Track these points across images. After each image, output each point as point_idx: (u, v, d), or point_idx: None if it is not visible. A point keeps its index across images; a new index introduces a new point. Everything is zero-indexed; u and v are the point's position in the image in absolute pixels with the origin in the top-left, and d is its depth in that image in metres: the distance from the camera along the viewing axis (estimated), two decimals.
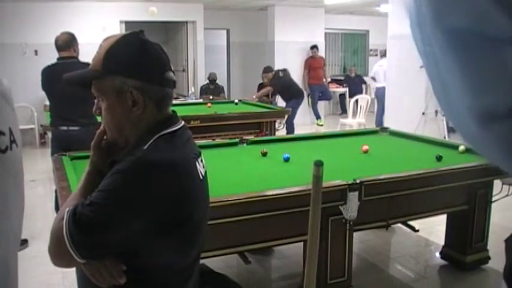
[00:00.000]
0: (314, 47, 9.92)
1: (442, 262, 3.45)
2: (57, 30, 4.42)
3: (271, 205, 2.35)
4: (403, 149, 3.59)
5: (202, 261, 1.60)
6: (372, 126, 7.57)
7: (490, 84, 0.24)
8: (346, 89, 11.10)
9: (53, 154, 3.36)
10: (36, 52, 8.29)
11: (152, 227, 1.25)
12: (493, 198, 3.23)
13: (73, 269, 1.46)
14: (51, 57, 4.12)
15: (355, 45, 12.77)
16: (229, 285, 1.71)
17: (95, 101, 1.39)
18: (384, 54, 8.18)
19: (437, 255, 3.52)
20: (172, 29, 10.82)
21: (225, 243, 2.37)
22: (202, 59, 10.09)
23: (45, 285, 3.24)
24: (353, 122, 8.04)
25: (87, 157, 1.45)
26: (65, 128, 3.87)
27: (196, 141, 1.50)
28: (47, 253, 1.27)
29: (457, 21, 0.24)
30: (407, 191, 2.80)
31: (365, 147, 3.30)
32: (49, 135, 4.73)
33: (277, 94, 8.15)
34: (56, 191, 2.92)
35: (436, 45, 0.26)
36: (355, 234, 2.76)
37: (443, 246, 3.46)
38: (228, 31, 11.18)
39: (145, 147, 1.28)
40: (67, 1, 8.43)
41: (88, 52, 2.82)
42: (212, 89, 8.74)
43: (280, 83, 7.85)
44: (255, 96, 7.84)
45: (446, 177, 2.85)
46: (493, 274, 3.24)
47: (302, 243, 2.77)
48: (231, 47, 11.33)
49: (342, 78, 11.63)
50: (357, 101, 8.22)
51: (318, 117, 9.98)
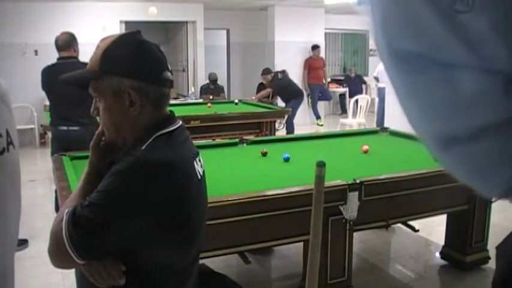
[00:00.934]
0: (316, 48, 9.89)
1: (442, 262, 3.45)
2: (57, 30, 4.42)
3: (271, 205, 2.35)
4: (403, 149, 3.59)
5: (202, 261, 1.60)
6: (372, 126, 7.57)
7: (446, 110, 0.24)
8: (346, 89, 11.10)
9: (52, 154, 3.36)
10: (36, 52, 8.28)
11: (151, 227, 1.25)
12: (493, 198, 3.23)
13: (73, 270, 1.46)
14: (51, 57, 4.12)
15: (355, 45, 12.77)
16: (229, 285, 1.71)
17: (93, 101, 1.39)
18: None
19: (437, 255, 3.52)
20: (172, 29, 10.82)
21: (225, 243, 2.37)
22: (202, 59, 10.09)
23: (45, 285, 3.24)
24: (353, 122, 8.04)
25: (87, 157, 1.45)
26: (64, 128, 3.87)
27: (196, 141, 1.50)
28: (47, 253, 1.27)
29: (410, 45, 0.24)
30: (407, 191, 2.80)
31: (365, 147, 3.30)
32: (49, 135, 4.73)
33: (277, 95, 8.15)
34: (55, 191, 2.92)
35: (391, 69, 0.26)
36: (355, 234, 2.76)
37: (443, 246, 3.45)
38: (228, 31, 11.18)
39: (143, 148, 1.28)
40: (67, 1, 8.43)
41: (88, 52, 2.81)
42: (212, 89, 8.74)
43: (279, 84, 7.85)
44: (254, 97, 7.84)
45: (446, 177, 2.82)
46: (493, 274, 3.23)
47: (302, 243, 2.77)
48: (231, 47, 11.33)
49: (342, 78, 11.63)
50: (357, 101, 8.22)
51: (318, 117, 9.98)
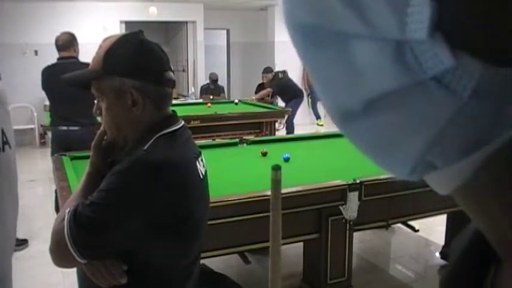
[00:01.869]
0: None
1: (442, 262, 3.45)
2: (57, 30, 4.42)
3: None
4: None
5: (202, 261, 1.60)
6: None
7: (341, 84, 0.23)
8: None
9: (53, 154, 3.36)
10: (36, 52, 8.29)
11: (152, 227, 1.25)
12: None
13: (73, 269, 1.46)
14: (51, 57, 4.13)
15: None
16: (229, 285, 1.71)
17: (95, 101, 1.39)
18: None
19: (437, 255, 3.52)
20: (172, 29, 10.82)
21: (225, 243, 2.37)
22: (202, 59, 10.09)
23: (45, 285, 3.24)
24: None
25: (87, 157, 1.45)
26: (65, 128, 3.87)
27: (196, 141, 1.50)
28: (47, 253, 1.28)
29: (308, 18, 0.23)
30: (407, 191, 2.80)
31: None
32: (49, 135, 4.73)
33: (277, 95, 8.15)
34: (55, 191, 2.92)
35: (295, 45, 0.25)
36: (355, 234, 2.76)
37: (443, 246, 3.46)
38: (228, 31, 11.18)
39: (145, 147, 1.28)
40: (67, 1, 8.43)
41: (88, 52, 2.82)
42: (212, 89, 8.74)
43: (280, 84, 7.85)
44: (254, 97, 7.84)
45: None
46: None
47: (302, 243, 2.78)
48: (231, 47, 11.33)
49: None
50: None
51: (318, 117, 9.98)
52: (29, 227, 4.18)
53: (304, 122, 9.62)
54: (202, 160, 1.43)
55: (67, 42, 3.93)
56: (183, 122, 1.43)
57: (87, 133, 3.68)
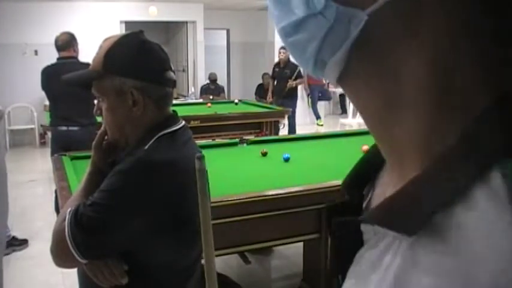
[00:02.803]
0: None
1: None
2: (57, 30, 4.43)
3: (271, 205, 2.35)
4: None
5: (202, 261, 1.60)
6: None
7: (284, 16, 0.40)
8: None
9: (53, 154, 3.36)
10: (36, 52, 8.29)
11: (153, 227, 1.25)
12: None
13: (74, 269, 1.46)
14: (51, 57, 4.13)
15: None
16: (229, 285, 1.71)
17: (95, 101, 1.39)
18: None
19: None
20: (172, 29, 10.82)
21: (225, 243, 2.37)
22: (202, 59, 10.09)
23: (45, 286, 3.24)
24: (353, 122, 8.05)
25: (87, 157, 1.45)
26: (64, 128, 3.88)
27: (196, 141, 1.50)
28: (47, 253, 1.28)
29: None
30: None
31: (365, 147, 3.30)
32: (49, 135, 4.73)
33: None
34: (55, 191, 2.92)
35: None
36: None
37: None
38: (228, 31, 11.18)
39: (146, 147, 1.28)
40: (67, 1, 8.44)
41: (88, 52, 2.82)
42: (212, 89, 8.74)
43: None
44: (293, 83, 7.60)
45: None
46: None
47: (302, 243, 2.78)
48: (231, 47, 11.33)
49: None
50: None
51: (318, 117, 9.98)
52: (29, 227, 4.18)
53: (304, 122, 9.63)
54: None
55: (67, 42, 3.93)
56: (183, 122, 1.43)
57: (87, 133, 3.68)
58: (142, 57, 1.32)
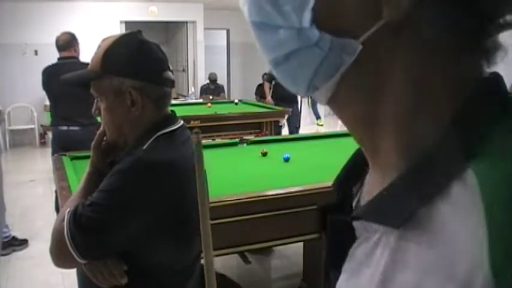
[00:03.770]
0: None
1: None
2: (57, 30, 4.42)
3: (271, 205, 2.35)
4: None
5: (202, 262, 1.59)
6: None
7: (273, 47, 0.42)
8: None
9: (53, 154, 3.36)
10: (36, 52, 8.29)
11: (152, 227, 1.25)
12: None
13: (73, 270, 1.46)
14: (51, 57, 4.12)
15: None
16: (229, 285, 1.71)
17: (95, 101, 1.39)
18: None
19: None
20: (172, 29, 10.82)
21: (225, 243, 2.37)
22: (202, 59, 10.09)
23: (45, 286, 3.24)
24: None
25: (87, 157, 1.45)
26: (65, 128, 3.87)
27: None
28: (47, 253, 1.28)
29: (255, 17, 0.42)
30: None
31: None
32: (49, 135, 4.73)
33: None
34: (56, 191, 2.92)
35: (253, 32, 0.43)
36: None
37: None
38: (228, 31, 11.18)
39: (144, 147, 1.28)
40: (67, 1, 8.44)
41: (88, 52, 2.81)
42: (212, 89, 8.74)
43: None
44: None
45: None
46: None
47: (302, 243, 2.78)
48: (231, 47, 11.33)
49: None
50: None
51: (318, 117, 9.98)
52: (29, 227, 4.18)
53: (304, 122, 9.62)
54: None
55: (67, 42, 3.93)
56: (182, 121, 1.43)
57: (87, 133, 3.68)
58: (140, 57, 1.32)
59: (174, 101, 7.08)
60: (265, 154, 3.21)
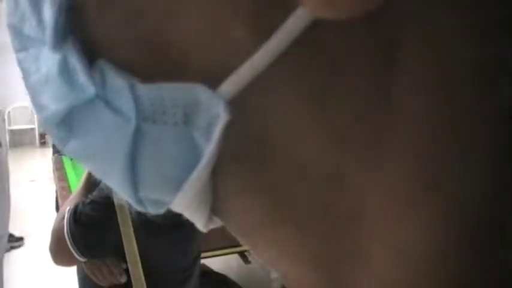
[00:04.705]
0: None
1: None
2: None
3: None
4: None
5: (202, 261, 1.60)
6: None
7: (49, 94, 0.22)
8: None
9: (53, 154, 3.36)
10: None
11: (152, 226, 1.25)
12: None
13: (73, 268, 1.46)
14: None
15: None
16: (229, 285, 1.71)
17: None
18: None
19: None
20: None
21: (225, 243, 2.37)
22: None
23: (44, 285, 3.24)
24: None
25: None
26: None
27: None
28: (47, 253, 1.28)
29: (12, 18, 0.23)
30: None
31: None
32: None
33: None
34: (56, 191, 2.92)
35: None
36: None
37: None
38: None
39: None
40: None
41: None
42: None
43: None
44: None
45: None
46: None
47: None
48: None
49: None
50: None
51: None
52: (29, 227, 4.18)
53: None
54: None
55: None
56: None
57: None
58: None
59: None
60: None
